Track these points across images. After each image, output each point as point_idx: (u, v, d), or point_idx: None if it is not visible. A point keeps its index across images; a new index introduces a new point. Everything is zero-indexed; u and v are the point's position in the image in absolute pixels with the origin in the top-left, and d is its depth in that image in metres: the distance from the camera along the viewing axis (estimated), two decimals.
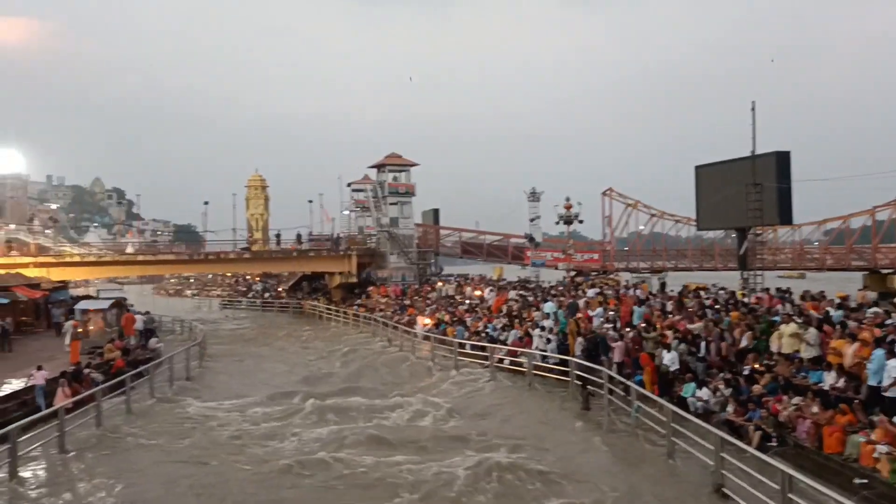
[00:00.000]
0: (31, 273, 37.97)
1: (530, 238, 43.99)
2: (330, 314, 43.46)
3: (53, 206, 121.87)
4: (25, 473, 12.62)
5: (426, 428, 15.76)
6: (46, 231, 56.31)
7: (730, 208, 34.46)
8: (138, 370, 20.55)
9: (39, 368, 18.49)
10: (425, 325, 29.96)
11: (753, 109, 29.31)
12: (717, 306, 20.19)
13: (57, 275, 40.61)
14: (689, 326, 18.29)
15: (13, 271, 36.90)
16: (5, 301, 28.86)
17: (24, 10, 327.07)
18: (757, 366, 15.13)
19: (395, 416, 17.23)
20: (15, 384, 18.57)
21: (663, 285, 32.29)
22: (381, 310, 38.18)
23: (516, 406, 17.99)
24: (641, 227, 49.76)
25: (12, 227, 63.67)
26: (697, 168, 39.41)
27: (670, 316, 20.43)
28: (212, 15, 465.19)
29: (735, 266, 39.59)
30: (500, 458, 13.01)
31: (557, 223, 39.34)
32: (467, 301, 34.08)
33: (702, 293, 24.17)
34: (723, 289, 25.54)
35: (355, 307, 41.50)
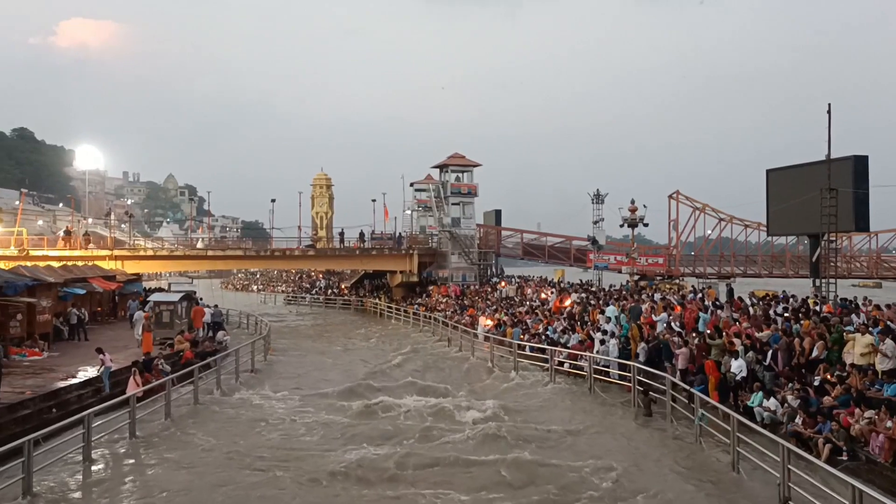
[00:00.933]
0: (107, 265, 39.53)
1: (593, 240, 43.46)
2: (390, 312, 43.88)
3: (129, 202, 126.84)
4: (98, 456, 13.14)
5: (482, 430, 15.72)
6: (122, 225, 58.52)
7: (802, 214, 33.30)
8: (206, 362, 21.13)
9: (100, 351, 19.22)
10: (486, 325, 29.95)
11: (829, 112, 28.22)
12: (786, 314, 19.57)
13: (131, 267, 42.17)
14: (758, 335, 17.78)
15: (90, 263, 38.48)
16: (82, 292, 30.05)
17: (106, 13, 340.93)
18: (828, 377, 14.61)
19: (453, 416, 17.23)
20: (90, 372, 19.33)
21: (731, 291, 31.47)
22: (440, 309, 38.35)
23: (576, 411, 17.82)
24: (709, 232, 48.61)
25: (90, 220, 66.45)
26: (769, 172, 38.23)
27: (737, 323, 19.89)
28: (284, 18, 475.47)
29: (807, 273, 38.24)
30: (561, 463, 12.90)
31: (622, 226, 38.80)
32: (527, 302, 33.92)
33: (771, 300, 23.47)
34: (793, 296, 24.74)
35: (415, 306, 41.79)
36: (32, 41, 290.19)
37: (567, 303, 30.20)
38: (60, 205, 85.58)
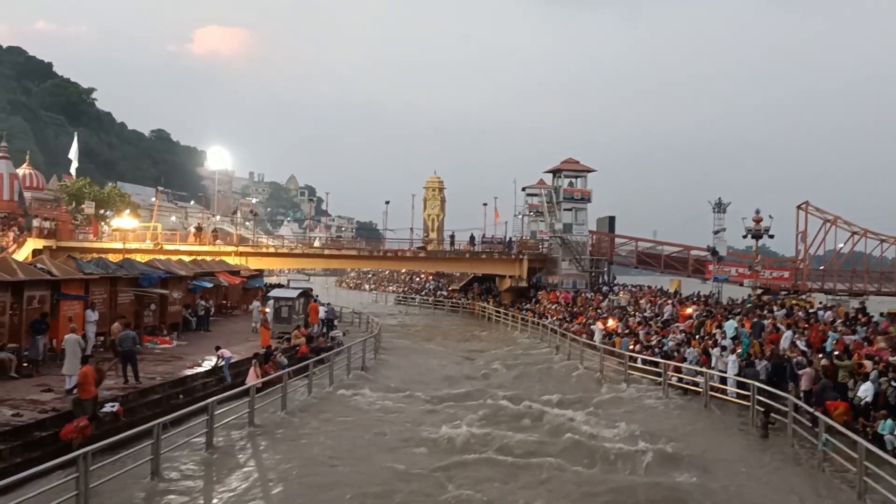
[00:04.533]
0: (232, 261, 41.73)
1: (713, 251, 41.82)
2: (499, 317, 43.85)
3: (254, 201, 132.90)
4: (219, 442, 13.84)
5: (589, 444, 15.44)
6: (247, 223, 61.42)
7: None
8: (320, 357, 21.86)
9: (218, 349, 20.28)
10: (606, 328, 29.38)
11: None
12: None
13: (254, 263, 44.32)
14: (892, 359, 16.55)
15: (217, 258, 40.68)
16: (209, 285, 31.78)
17: (238, 22, 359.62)
18: None
19: (560, 427, 17.01)
20: (214, 361, 20.40)
21: (863, 310, 29.46)
22: (550, 316, 37.97)
23: (691, 429, 17.15)
24: (840, 246, 45.69)
25: (218, 217, 70.22)
26: None
27: (869, 344, 18.61)
28: (398, 24, 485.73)
29: None
30: (676, 483, 12.47)
31: (745, 237, 37.03)
32: (638, 314, 33.02)
33: None
34: None
35: (524, 311, 41.57)
36: (170, 48, 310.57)
37: (689, 312, 29.27)
38: (192, 202, 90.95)
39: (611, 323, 30.40)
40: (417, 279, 73.50)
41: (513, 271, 47.17)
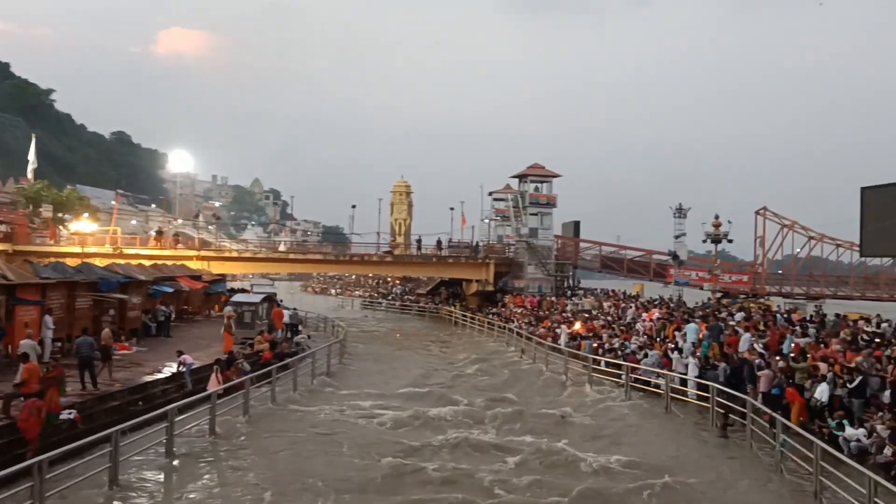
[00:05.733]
0: (194, 265, 41.11)
1: (674, 255, 42.51)
2: (465, 321, 43.94)
3: (217, 204, 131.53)
4: (179, 450, 13.63)
5: (550, 441, 15.55)
6: (209, 227, 60.70)
7: None
8: (284, 363, 21.67)
9: (180, 354, 20.03)
10: (572, 331, 29.61)
11: None
12: (877, 339, 18.63)
13: (217, 268, 43.73)
14: (849, 363, 16.95)
15: (179, 263, 40.11)
16: (170, 290, 31.31)
17: (202, 24, 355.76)
18: None
19: (520, 429, 17.11)
20: (175, 368, 20.10)
21: (819, 313, 30.14)
22: (516, 320, 38.17)
23: (651, 429, 17.39)
24: (798, 250, 46.73)
25: (180, 221, 69.25)
26: (864, 190, 36.41)
27: (824, 346, 19.05)
28: (367, 29, 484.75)
29: None
30: (635, 485, 12.61)
31: (704, 241, 37.70)
32: (602, 317, 33.38)
33: (862, 324, 22.39)
34: (887, 321, 23.53)
35: (490, 315, 41.72)
36: (133, 49, 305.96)
37: (655, 317, 29.66)
38: (153, 206, 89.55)
39: (577, 326, 30.67)
40: (384, 284, 73.35)
41: (479, 275, 47.32)
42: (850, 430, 13.98)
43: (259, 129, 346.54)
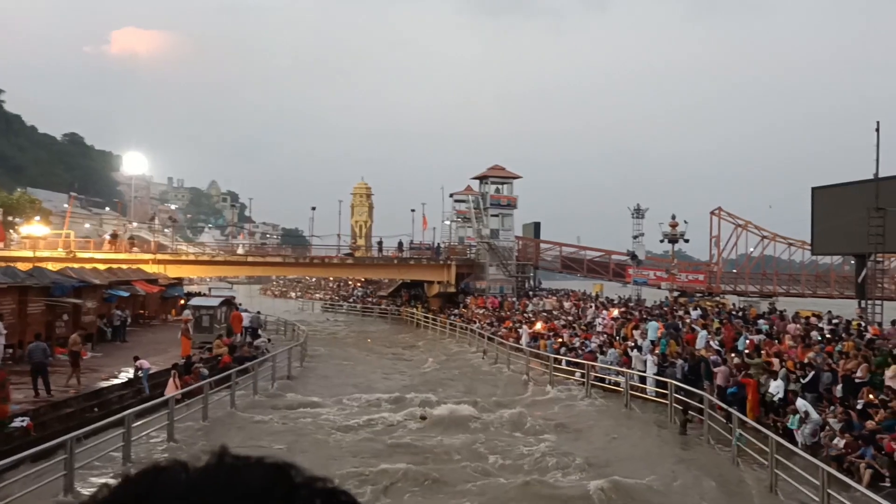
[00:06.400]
0: (150, 269, 40.37)
1: (633, 255, 43.09)
2: (427, 322, 43.93)
3: (173, 207, 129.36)
4: (137, 456, 13.38)
5: (512, 441, 15.66)
6: (166, 230, 59.64)
7: (848, 233, 32.53)
8: (244, 367, 21.41)
9: (137, 359, 19.69)
10: (533, 331, 29.80)
11: (878, 130, 27.63)
12: (828, 336, 19.16)
13: (173, 272, 43.01)
14: (803, 359, 17.41)
15: (134, 266, 39.35)
16: (125, 294, 30.72)
17: (157, 24, 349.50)
18: (872, 400, 14.24)
19: (483, 430, 17.18)
20: (131, 373, 19.73)
21: (773, 311, 30.88)
22: (478, 321, 38.29)
23: (611, 427, 17.64)
24: (751, 249, 47.72)
25: (135, 224, 67.90)
26: (814, 190, 37.45)
27: (778, 342, 19.53)
28: (328, 30, 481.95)
29: (852, 294, 37.34)
30: (596, 480, 12.76)
31: (662, 241, 38.48)
32: (563, 317, 33.70)
33: (814, 320, 22.99)
34: (837, 317, 24.20)
35: (452, 317, 41.78)
36: (87, 49, 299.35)
37: (614, 316, 30.04)
38: (107, 209, 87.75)
39: (538, 326, 30.91)
40: (345, 286, 72.92)
41: (441, 277, 47.31)
42: (801, 423, 14.33)
43: (216, 131, 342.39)
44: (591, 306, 34.35)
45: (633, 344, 22.79)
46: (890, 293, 37.14)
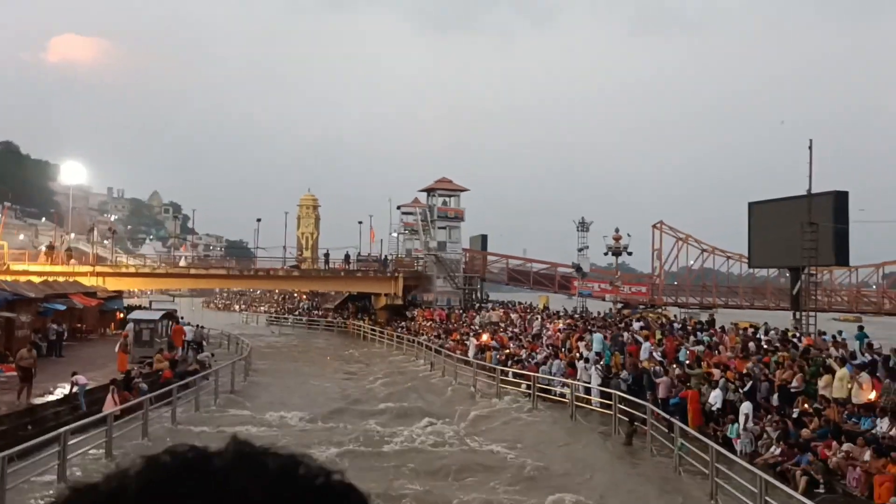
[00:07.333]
0: (88, 282, 39.17)
1: (577, 268, 43.68)
2: (374, 335, 43.68)
3: (112, 218, 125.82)
4: (73, 476, 12.93)
5: (461, 453, 15.68)
6: (105, 241, 57.98)
7: (783, 247, 33.74)
8: (185, 382, 20.93)
9: (74, 375, 19.09)
10: (480, 342, 29.82)
11: (811, 147, 28.77)
12: (765, 346, 19.75)
13: (113, 284, 41.85)
14: (742, 368, 17.88)
15: (72, 279, 38.13)
16: (62, 307, 29.76)
17: (97, 31, 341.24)
18: (807, 408, 14.72)
19: (432, 442, 17.16)
20: (67, 389, 19.09)
21: (713, 322, 31.68)
22: (425, 333, 38.25)
23: (557, 438, 17.79)
24: (692, 262, 48.97)
25: (73, 236, 65.83)
26: (751, 205, 38.71)
27: (717, 353, 20.04)
28: (277, 41, 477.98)
29: (788, 306, 38.63)
30: (540, 492, 12.86)
31: (606, 254, 39.16)
32: (509, 329, 33.92)
33: (751, 331, 23.66)
34: (774, 328, 24.96)
35: (399, 329, 41.65)
36: (23, 56, 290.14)
37: (560, 327, 30.33)
38: (43, 219, 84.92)
39: (485, 338, 30.96)
40: (291, 299, 72.00)
41: (388, 289, 47.15)
42: (740, 432, 14.72)
43: (158, 141, 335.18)
44: (537, 318, 34.67)
45: (578, 355, 23.08)
46: (823, 305, 38.52)
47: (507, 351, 27.64)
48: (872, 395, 14.08)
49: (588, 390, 20.33)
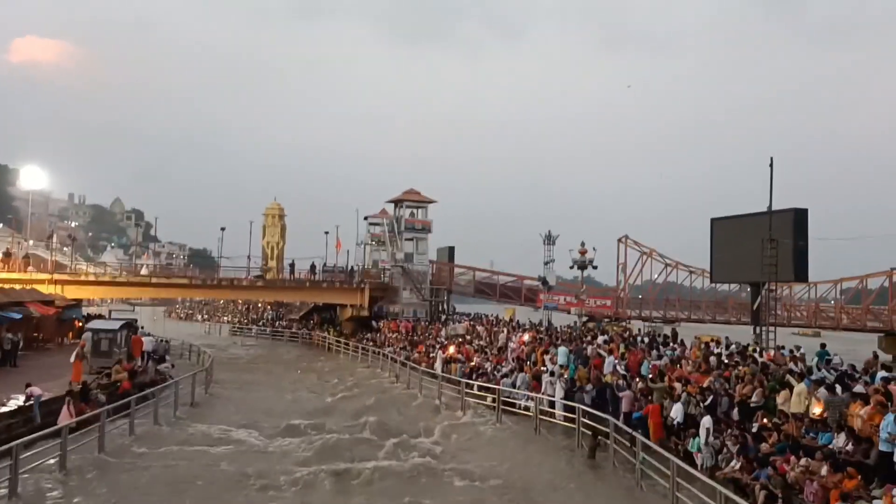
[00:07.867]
0: (46, 290, 38.31)
1: (543, 281, 43.85)
2: (339, 346, 43.36)
3: (73, 224, 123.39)
4: (25, 490, 12.59)
5: (426, 468, 15.59)
6: (65, 248, 56.83)
7: (744, 262, 34.34)
8: (144, 393, 20.53)
9: (28, 386, 18.64)
10: (447, 355, 29.71)
11: (771, 165, 29.22)
12: (725, 360, 19.98)
13: (72, 293, 40.97)
14: (703, 382, 18.05)
15: (29, 287, 37.24)
16: (18, 316, 29.05)
17: (59, 33, 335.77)
18: (766, 423, 14.90)
19: (397, 456, 17.05)
20: (21, 400, 18.62)
21: (675, 335, 32.00)
22: (390, 345, 38.06)
23: (521, 452, 17.79)
24: (656, 276, 49.58)
25: (31, 242, 64.38)
26: (713, 221, 39.35)
27: (679, 367, 20.23)
28: (244, 49, 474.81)
29: (748, 320, 39.28)
30: None
31: (572, 267, 39.36)
32: (475, 341, 33.90)
33: (713, 345, 23.93)
34: (735, 343, 25.27)
35: (365, 341, 41.40)
36: None
37: (526, 339, 30.36)
38: (1, 225, 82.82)
39: (451, 350, 30.89)
40: (255, 309, 71.21)
41: (354, 300, 46.87)
42: (700, 446, 14.86)
43: (121, 147, 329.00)
44: (503, 331, 34.70)
45: (543, 368, 23.11)
46: (782, 320, 39.22)
47: (472, 364, 27.58)
48: (818, 411, 14.31)
49: (552, 404, 20.37)
